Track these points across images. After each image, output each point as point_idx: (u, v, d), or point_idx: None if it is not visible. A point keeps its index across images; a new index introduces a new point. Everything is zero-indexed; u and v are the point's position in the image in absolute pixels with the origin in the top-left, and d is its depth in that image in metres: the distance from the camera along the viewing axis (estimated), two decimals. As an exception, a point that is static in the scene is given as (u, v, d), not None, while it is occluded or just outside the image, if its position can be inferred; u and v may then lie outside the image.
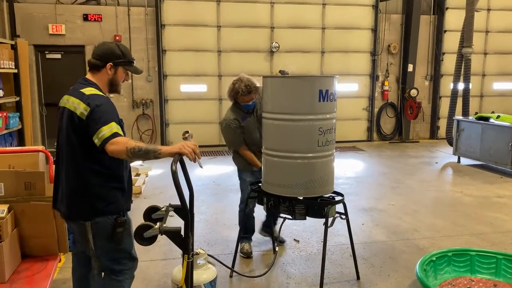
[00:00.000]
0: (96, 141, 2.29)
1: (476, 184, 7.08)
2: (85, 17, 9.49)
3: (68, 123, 2.41)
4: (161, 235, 2.18)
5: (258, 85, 3.94)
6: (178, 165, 2.25)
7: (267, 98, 3.58)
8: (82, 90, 2.41)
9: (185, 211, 2.19)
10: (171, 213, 2.44)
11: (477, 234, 4.90)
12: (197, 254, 3.08)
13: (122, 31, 9.73)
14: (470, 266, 3.82)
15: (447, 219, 5.37)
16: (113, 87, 2.57)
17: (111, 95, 2.68)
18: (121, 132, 2.33)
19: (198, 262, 3.09)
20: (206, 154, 9.68)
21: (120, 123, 2.42)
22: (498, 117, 8.04)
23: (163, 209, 2.41)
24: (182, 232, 2.24)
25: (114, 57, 2.50)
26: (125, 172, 2.57)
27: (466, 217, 5.48)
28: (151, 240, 2.20)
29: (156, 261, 4.14)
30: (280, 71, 4.13)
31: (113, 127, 2.29)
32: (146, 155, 2.24)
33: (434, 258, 3.72)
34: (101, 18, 9.58)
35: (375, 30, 11.02)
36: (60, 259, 3.86)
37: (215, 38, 10.22)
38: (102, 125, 2.27)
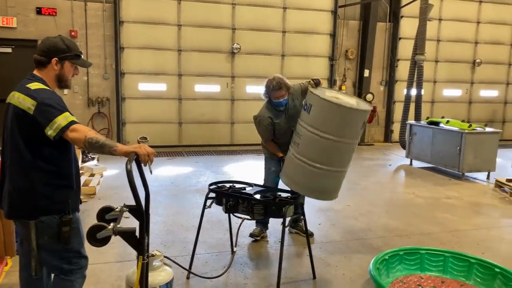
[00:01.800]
0: (50, 132, 2.25)
1: (427, 186, 7.39)
2: (39, 11, 9.10)
3: (14, 119, 2.35)
4: (115, 236, 2.12)
5: (290, 84, 4.41)
6: (134, 165, 2.20)
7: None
8: (28, 86, 2.36)
9: (140, 211, 2.14)
10: (127, 214, 2.38)
11: (427, 233, 5.11)
12: (152, 255, 3.01)
13: (78, 26, 9.40)
14: (420, 264, 3.98)
15: (399, 219, 5.57)
16: (62, 82, 2.52)
17: (65, 91, 2.62)
18: (78, 121, 2.33)
19: (154, 263, 3.02)
20: (164, 154, 9.53)
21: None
22: (447, 122, 8.44)
23: (117, 209, 2.34)
24: (137, 233, 2.18)
25: (59, 51, 2.44)
26: (73, 169, 2.49)
27: (417, 217, 5.71)
28: (104, 241, 2.13)
29: (110, 263, 4.02)
30: (313, 80, 4.25)
31: (68, 116, 2.28)
32: (102, 148, 2.24)
33: (386, 257, 3.85)
34: (55, 13, 9.22)
35: (333, 36, 11.28)
36: (7, 263, 3.67)
37: (175, 37, 10.09)
38: (55, 116, 2.25)
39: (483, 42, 12.69)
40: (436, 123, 8.63)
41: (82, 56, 2.60)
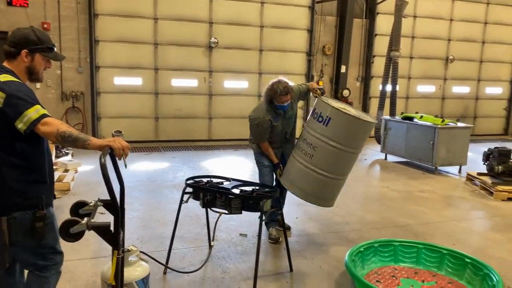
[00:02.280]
0: (20, 126, 2.19)
1: (401, 180, 7.55)
2: (9, 2, 8.80)
3: None
4: (88, 230, 2.09)
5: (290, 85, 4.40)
6: (109, 159, 2.17)
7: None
8: None
9: (115, 205, 2.11)
10: (103, 210, 2.34)
11: (401, 226, 5.23)
12: (128, 251, 2.98)
13: (51, 18, 9.15)
14: (394, 256, 4.07)
15: (374, 213, 5.68)
16: (33, 75, 2.45)
17: (37, 85, 2.56)
18: (49, 114, 2.27)
19: (129, 259, 2.99)
20: (141, 150, 9.41)
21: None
22: (421, 117, 8.63)
23: (91, 204, 2.30)
24: (112, 228, 2.15)
25: (30, 43, 2.37)
26: (46, 164, 2.43)
27: (392, 210, 5.83)
28: (77, 236, 2.09)
29: (85, 260, 3.96)
30: (320, 90, 4.43)
31: (39, 109, 2.22)
32: (75, 142, 2.20)
33: (362, 249, 3.92)
34: (27, 4, 8.94)
35: (311, 31, 11.34)
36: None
37: (151, 30, 9.95)
38: (26, 109, 2.19)
39: (455, 39, 12.99)
40: (410, 118, 8.80)
41: (55, 49, 2.53)
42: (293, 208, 5.62)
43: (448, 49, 12.97)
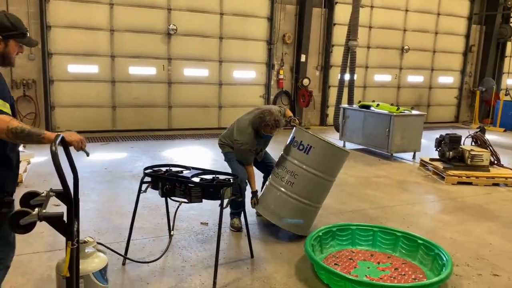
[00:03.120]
0: None
1: (359, 166, 7.76)
2: (-51, -18, 8.25)
3: None
4: (40, 221, 2.01)
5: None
6: (61, 149, 2.09)
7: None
8: None
9: (68, 194, 2.04)
10: (57, 202, 2.26)
11: (358, 210, 5.39)
12: (85, 242, 2.90)
13: (-3, 1, 8.65)
14: (352, 239, 4.20)
15: (333, 198, 5.80)
16: (6, 60, 2.37)
17: None
18: (7, 110, 2.17)
19: (86, 250, 2.91)
20: (98, 140, 9.14)
21: (11, 100, 2.28)
22: (378, 105, 8.87)
23: (43, 194, 2.21)
24: (65, 218, 2.08)
25: (3, 29, 2.28)
26: (9, 151, 2.34)
27: (350, 195, 5.99)
28: (28, 228, 2.01)
29: (39, 253, 3.82)
30: (298, 120, 4.52)
31: None
32: (29, 137, 2.12)
33: (320, 234, 4.02)
34: (-30, -15, 8.41)
35: (271, 19, 11.34)
36: None
37: (107, 16, 9.61)
38: None
39: (411, 29, 13.40)
40: (367, 107, 9.03)
41: (28, 34, 2.45)
42: (254, 196, 5.66)
43: (403, 39, 13.37)
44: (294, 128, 4.41)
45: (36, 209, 2.01)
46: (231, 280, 3.52)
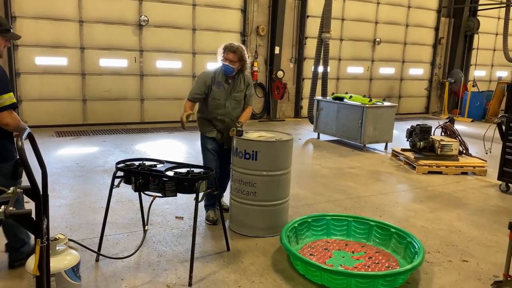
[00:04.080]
0: None
1: (332, 157, 7.85)
2: None
3: None
4: (6, 219, 1.93)
5: (247, 59, 4.38)
6: (28, 144, 2.01)
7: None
8: None
9: (36, 190, 1.97)
10: (27, 199, 2.18)
11: (333, 200, 5.45)
12: (56, 239, 2.83)
13: (-44, -10, 8.26)
14: (327, 230, 4.25)
15: (308, 189, 5.86)
16: None
17: None
18: (17, 105, 2.61)
19: (57, 248, 2.85)
20: (68, 134, 8.90)
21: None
22: (350, 97, 8.98)
23: (9, 191, 2.13)
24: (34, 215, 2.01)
25: None
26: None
27: (324, 186, 6.05)
28: (-6, 226, 1.93)
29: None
30: (239, 128, 4.35)
31: (12, 97, 2.54)
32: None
33: (296, 225, 4.04)
34: None
35: (244, 11, 11.27)
36: None
37: (75, 7, 9.33)
38: (3, 92, 2.51)
39: (382, 22, 13.59)
40: (341, 99, 9.13)
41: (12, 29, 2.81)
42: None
43: (375, 32, 13.55)
44: (234, 139, 4.24)
45: (2, 207, 1.93)
46: (207, 273, 3.50)
